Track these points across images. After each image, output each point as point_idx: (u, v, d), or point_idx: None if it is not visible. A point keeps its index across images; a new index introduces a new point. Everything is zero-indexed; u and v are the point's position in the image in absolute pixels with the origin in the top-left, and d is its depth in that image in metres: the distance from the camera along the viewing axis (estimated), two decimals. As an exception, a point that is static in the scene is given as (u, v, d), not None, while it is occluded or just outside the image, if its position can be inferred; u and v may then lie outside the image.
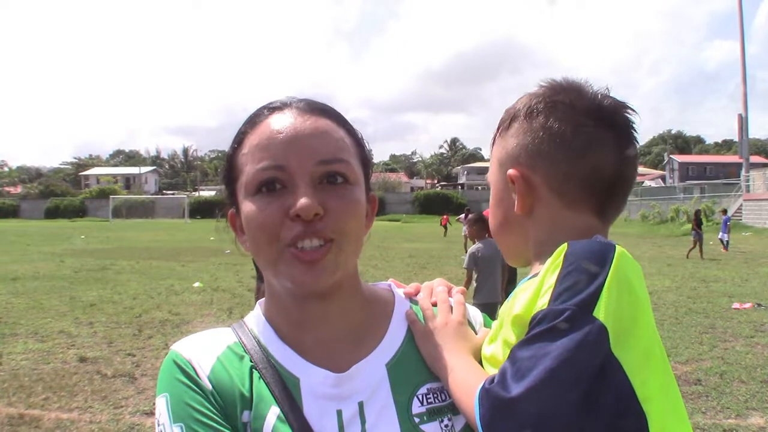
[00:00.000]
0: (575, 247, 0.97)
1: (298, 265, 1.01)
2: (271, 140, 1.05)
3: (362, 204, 1.08)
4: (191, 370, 1.05)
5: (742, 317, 10.46)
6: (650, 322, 0.95)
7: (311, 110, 1.09)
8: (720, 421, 5.71)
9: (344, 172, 1.05)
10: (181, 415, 1.01)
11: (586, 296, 0.90)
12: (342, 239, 1.03)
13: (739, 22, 41.50)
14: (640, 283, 0.96)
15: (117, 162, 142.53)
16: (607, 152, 1.07)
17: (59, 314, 11.05)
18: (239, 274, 16.88)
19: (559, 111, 1.09)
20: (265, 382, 1.05)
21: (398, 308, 1.20)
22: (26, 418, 5.83)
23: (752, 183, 41.50)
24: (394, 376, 1.09)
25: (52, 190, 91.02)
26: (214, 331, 1.16)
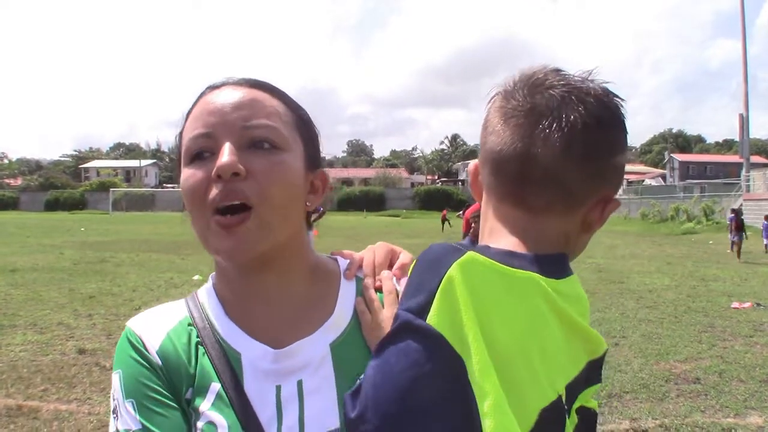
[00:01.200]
0: (425, 252, 0.98)
1: (220, 233, 1.02)
2: (202, 111, 1.07)
3: (293, 171, 1.07)
4: (141, 346, 1.08)
5: (741, 316, 10.45)
6: (478, 337, 0.87)
7: (245, 83, 1.11)
8: (719, 420, 5.71)
9: (270, 137, 1.05)
10: (133, 391, 1.04)
11: (420, 301, 0.91)
12: (263, 206, 1.01)
13: (741, 21, 41.44)
14: (471, 293, 0.89)
15: (117, 155, 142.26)
16: (512, 134, 1.01)
17: (58, 306, 11.04)
18: (238, 268, 16.85)
19: (496, 99, 1.08)
20: (209, 357, 1.07)
21: (344, 285, 1.19)
22: (24, 409, 5.83)
23: (752, 183, 41.45)
24: (338, 356, 1.08)
25: (52, 183, 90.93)
26: (167, 306, 1.18)
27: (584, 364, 1.00)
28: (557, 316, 0.95)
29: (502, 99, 1.05)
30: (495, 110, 1.06)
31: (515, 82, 1.05)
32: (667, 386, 6.64)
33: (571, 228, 1.04)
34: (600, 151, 1.00)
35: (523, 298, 0.92)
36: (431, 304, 0.89)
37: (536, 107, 0.99)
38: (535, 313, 0.92)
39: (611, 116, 1.01)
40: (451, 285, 0.89)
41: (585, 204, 1.02)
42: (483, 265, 0.92)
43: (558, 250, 1.03)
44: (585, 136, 0.97)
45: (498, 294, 0.91)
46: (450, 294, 0.89)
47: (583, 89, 1.00)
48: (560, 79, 1.01)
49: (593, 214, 1.04)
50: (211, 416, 1.02)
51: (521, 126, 0.99)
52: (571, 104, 0.98)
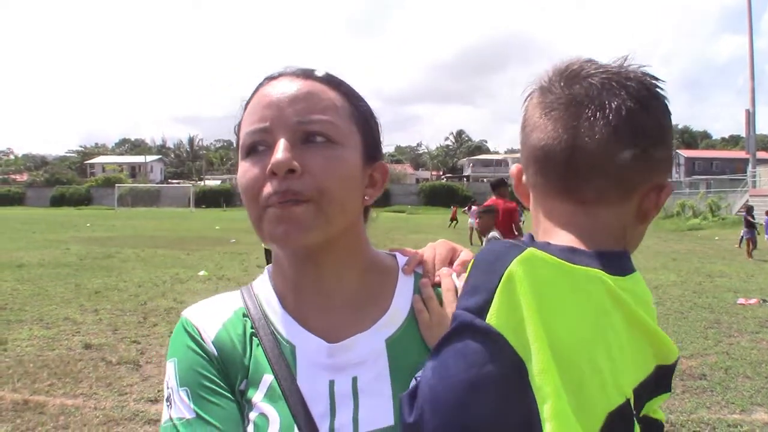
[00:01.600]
0: (483, 251, 0.96)
1: (274, 222, 1.01)
2: (259, 103, 1.06)
3: (349, 165, 1.06)
4: (198, 336, 1.09)
5: (748, 313, 10.42)
6: (540, 335, 0.85)
7: (302, 75, 1.09)
8: (725, 416, 5.70)
9: (325, 131, 1.04)
10: (187, 380, 1.05)
11: (479, 301, 0.89)
12: (321, 199, 1.01)
13: (748, 16, 41.26)
14: (533, 290, 0.87)
15: (122, 151, 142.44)
16: (554, 127, 0.99)
17: (64, 301, 11.07)
18: (244, 263, 16.92)
19: (533, 96, 1.06)
20: (263, 348, 1.07)
21: (402, 280, 1.18)
22: (31, 404, 5.84)
23: (759, 179, 41.32)
24: (394, 353, 1.07)
25: (58, 178, 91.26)
26: (223, 296, 1.19)
27: (653, 369, 0.97)
28: (623, 316, 0.92)
29: (540, 95, 1.04)
30: (533, 107, 1.04)
31: (550, 76, 1.04)
32: (672, 382, 6.59)
33: (627, 219, 1.02)
34: (647, 134, 0.97)
35: (588, 295, 0.90)
36: (490, 303, 0.87)
37: (576, 97, 0.98)
38: (600, 312, 0.90)
39: (654, 99, 0.99)
40: (511, 282, 0.87)
41: (638, 192, 1.00)
42: (545, 261, 0.90)
43: (616, 244, 1.01)
44: (630, 121, 0.95)
45: (561, 291, 0.89)
46: (510, 291, 0.87)
47: (623, 74, 0.99)
48: (597, 67, 1.00)
49: (648, 201, 1.01)
50: (264, 408, 1.03)
51: (563, 118, 0.98)
52: (613, 90, 0.97)
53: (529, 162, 1.04)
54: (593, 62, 1.02)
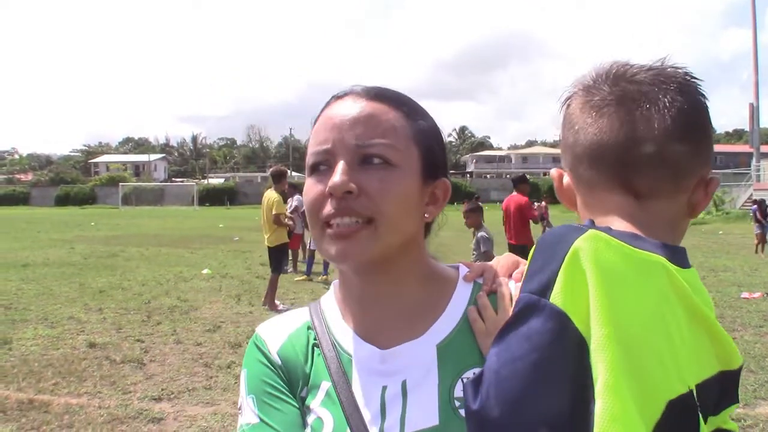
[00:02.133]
0: (545, 234, 0.97)
1: (333, 242, 1.06)
2: (324, 125, 1.11)
3: (405, 187, 1.09)
4: (265, 348, 1.19)
5: (751, 307, 10.41)
6: (603, 317, 0.83)
7: (366, 95, 1.14)
8: (728, 411, 5.68)
9: (383, 154, 1.07)
10: (254, 388, 1.16)
11: (543, 281, 0.89)
12: (377, 219, 1.05)
13: (752, 9, 41.16)
14: (600, 271, 0.86)
15: (126, 149, 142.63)
16: (610, 122, 1.01)
17: (69, 300, 11.11)
18: (248, 261, 16.94)
19: (575, 98, 1.09)
20: (324, 357, 1.15)
21: (459, 289, 1.21)
22: (36, 403, 5.87)
23: (763, 173, 41.22)
24: (444, 357, 1.11)
25: (62, 178, 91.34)
26: (294, 312, 1.28)
27: (716, 372, 0.96)
28: (685, 307, 0.92)
29: (585, 95, 1.07)
30: (579, 107, 1.07)
31: (594, 78, 1.07)
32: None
33: (678, 211, 1.05)
34: (697, 129, 1.02)
35: (651, 280, 0.90)
36: (554, 283, 0.88)
37: (628, 94, 1.01)
38: (662, 299, 0.90)
39: (700, 96, 1.04)
40: (576, 258, 0.88)
41: (689, 185, 1.03)
42: (608, 243, 0.90)
43: (670, 236, 1.03)
44: (682, 116, 0.99)
45: (624, 272, 0.88)
46: (575, 268, 0.87)
47: (669, 73, 1.03)
48: (641, 67, 1.04)
49: (698, 194, 1.04)
50: (320, 412, 1.10)
51: (618, 113, 1.01)
52: (663, 88, 1.00)
53: (582, 158, 1.05)
54: (635, 63, 1.06)
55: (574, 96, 1.10)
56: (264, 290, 10.77)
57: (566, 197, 1.13)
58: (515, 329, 0.89)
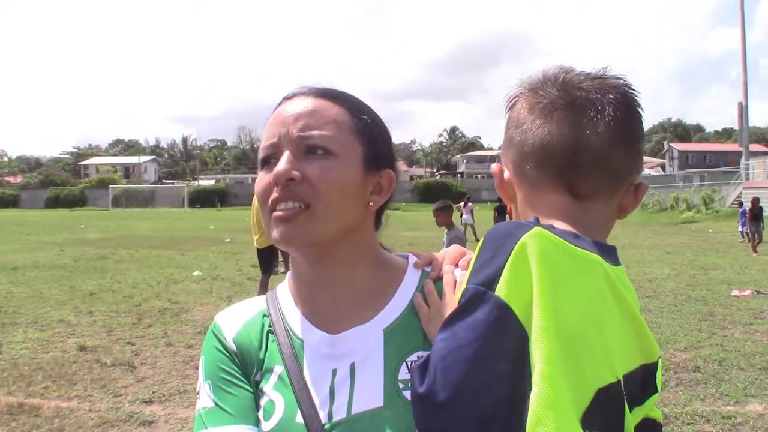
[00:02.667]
0: (492, 229, 1.02)
1: (275, 224, 1.13)
2: (272, 122, 1.19)
3: (345, 175, 1.15)
4: (221, 335, 1.25)
5: (741, 304, 10.47)
6: (546, 310, 0.88)
7: (312, 93, 1.21)
8: (719, 408, 5.73)
9: (324, 145, 1.14)
10: (210, 374, 1.21)
11: (489, 275, 0.94)
12: (317, 203, 1.12)
13: (740, 8, 41.38)
14: (545, 267, 0.91)
15: (116, 151, 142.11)
16: (558, 126, 1.07)
17: (59, 303, 11.06)
18: (239, 263, 16.92)
19: (522, 98, 1.14)
20: (277, 343, 1.20)
21: (408, 277, 1.27)
22: (26, 406, 5.83)
23: (752, 171, 41.52)
24: (390, 341, 1.16)
25: (52, 180, 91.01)
26: (252, 300, 1.34)
27: (640, 364, 1.03)
28: (617, 303, 0.98)
29: (533, 96, 1.12)
30: (527, 107, 1.12)
31: (543, 81, 1.12)
32: (666, 375, 6.64)
33: (610, 213, 1.12)
34: (635, 138, 1.09)
35: (588, 277, 0.96)
36: (500, 277, 0.92)
37: (577, 100, 1.07)
38: (598, 295, 0.95)
39: (637, 105, 1.11)
40: (522, 254, 0.93)
41: (622, 188, 1.11)
42: (551, 240, 0.95)
43: (603, 236, 1.11)
44: (623, 125, 1.06)
45: (565, 269, 0.94)
46: (521, 263, 0.92)
47: (612, 83, 1.09)
48: (587, 75, 1.11)
49: (628, 197, 1.13)
50: (272, 395, 1.16)
51: (567, 118, 1.06)
52: (607, 97, 1.07)
53: (528, 157, 1.10)
54: (580, 70, 1.12)
55: (520, 96, 1.15)
56: (255, 292, 10.78)
57: (506, 193, 1.19)
58: (462, 318, 0.94)
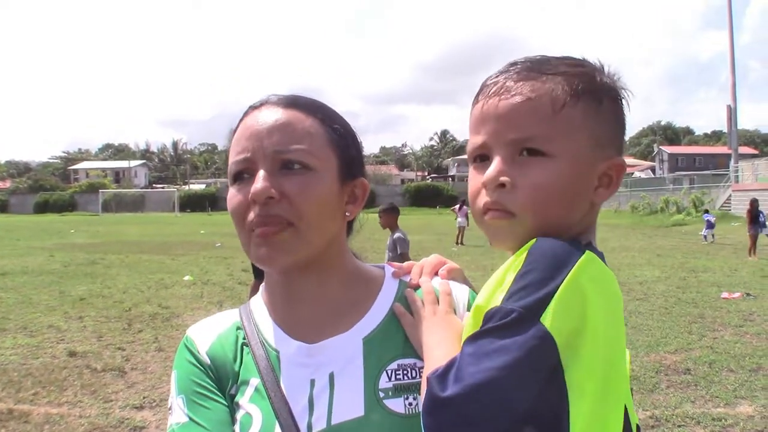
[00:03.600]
0: (540, 246, 0.95)
1: (260, 246, 1.11)
2: (242, 134, 1.16)
3: (323, 189, 1.14)
4: (194, 348, 1.22)
5: (731, 307, 10.52)
6: (597, 339, 0.90)
7: (282, 104, 1.18)
8: (709, 410, 5.75)
9: (301, 159, 1.12)
10: (184, 388, 1.18)
11: (536, 300, 0.89)
12: (300, 222, 1.10)
13: (728, 11, 41.60)
14: (598, 296, 0.91)
15: (106, 156, 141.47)
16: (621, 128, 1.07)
17: (48, 309, 11.00)
18: (230, 268, 16.87)
19: (610, 93, 1.06)
20: (252, 355, 1.18)
21: (386, 287, 1.26)
22: (15, 413, 5.80)
23: (741, 174, 41.71)
24: (369, 350, 1.15)
25: (41, 185, 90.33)
26: (225, 313, 1.31)
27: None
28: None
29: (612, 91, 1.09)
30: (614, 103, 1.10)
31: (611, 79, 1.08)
32: (657, 377, 6.67)
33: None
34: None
35: (620, 301, 0.97)
36: (548, 304, 0.88)
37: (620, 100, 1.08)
38: (621, 314, 0.97)
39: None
40: (576, 283, 0.90)
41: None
42: (601, 268, 0.95)
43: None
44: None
45: (612, 297, 0.94)
46: (573, 293, 0.89)
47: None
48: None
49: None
50: (249, 408, 1.13)
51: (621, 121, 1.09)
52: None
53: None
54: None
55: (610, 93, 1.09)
56: (246, 296, 10.64)
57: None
58: (499, 337, 0.89)
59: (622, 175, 1.06)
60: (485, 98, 1.04)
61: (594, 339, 0.89)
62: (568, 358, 0.88)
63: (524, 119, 0.99)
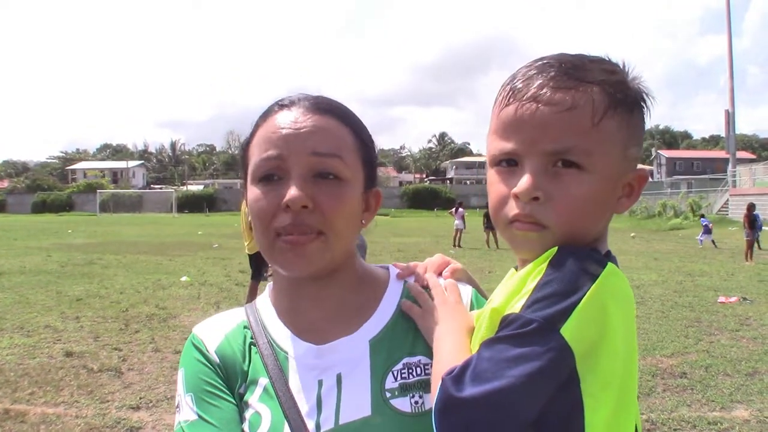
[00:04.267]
0: (563, 257, 0.95)
1: (287, 253, 1.11)
2: (275, 133, 1.14)
3: (353, 201, 1.16)
4: (203, 347, 1.22)
5: (728, 311, 10.54)
6: (616, 351, 0.91)
7: (315, 108, 1.18)
8: (705, 414, 5.75)
9: (336, 170, 1.13)
10: (192, 386, 1.18)
11: (558, 312, 0.89)
12: (330, 232, 1.11)
13: (727, 17, 41.68)
14: (618, 309, 0.92)
15: (104, 156, 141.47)
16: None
17: (45, 309, 10.98)
18: (227, 269, 16.86)
19: (639, 101, 1.05)
20: (260, 356, 1.19)
21: (391, 288, 1.28)
22: (12, 413, 5.79)
23: (738, 178, 41.81)
24: (375, 351, 1.17)
25: (39, 185, 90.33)
26: (230, 312, 1.32)
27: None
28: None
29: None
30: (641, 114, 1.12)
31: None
32: (653, 381, 6.68)
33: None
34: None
35: (633, 306, 0.99)
36: (569, 316, 0.88)
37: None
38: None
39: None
40: (599, 296, 0.90)
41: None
42: (621, 279, 0.97)
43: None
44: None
45: (630, 307, 0.97)
46: (595, 306, 0.90)
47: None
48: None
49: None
50: (258, 407, 1.15)
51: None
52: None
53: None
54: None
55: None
56: (244, 297, 10.74)
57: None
58: (518, 345, 0.89)
59: (644, 185, 1.06)
60: (518, 102, 0.99)
61: (612, 351, 0.90)
62: (585, 369, 0.89)
63: (563, 130, 0.96)
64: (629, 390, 0.95)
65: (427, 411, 1.07)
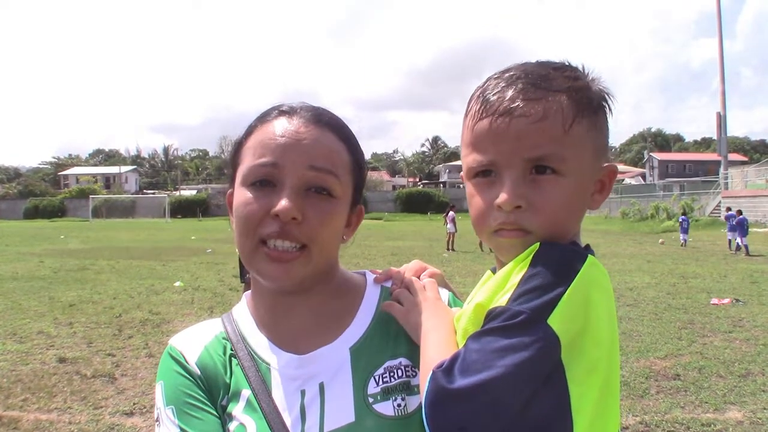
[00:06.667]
0: (546, 252, 0.99)
1: (270, 263, 1.11)
2: (272, 140, 1.14)
3: (340, 218, 1.17)
4: (182, 359, 1.20)
5: (721, 313, 10.58)
6: (601, 338, 0.95)
7: (316, 121, 1.18)
8: (698, 416, 5.77)
9: (330, 186, 1.14)
10: (173, 399, 1.16)
11: (544, 303, 0.92)
12: (313, 246, 1.12)
13: (717, 20, 41.87)
14: (601, 298, 0.96)
15: (97, 161, 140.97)
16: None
17: (38, 315, 10.95)
18: (220, 274, 16.83)
19: (601, 102, 1.10)
20: (242, 367, 1.18)
21: (368, 294, 1.28)
22: (4, 419, 5.77)
23: (731, 180, 41.95)
24: (356, 358, 1.17)
25: (31, 190, 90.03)
26: (206, 323, 1.30)
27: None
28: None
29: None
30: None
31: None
32: (647, 383, 6.70)
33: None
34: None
35: (612, 297, 1.01)
36: (556, 306, 0.92)
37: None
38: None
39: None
40: (582, 286, 0.94)
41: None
42: (602, 270, 1.00)
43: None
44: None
45: (610, 296, 1.00)
46: (579, 296, 0.93)
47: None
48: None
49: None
50: (242, 419, 1.13)
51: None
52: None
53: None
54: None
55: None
56: (237, 302, 10.61)
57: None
58: (506, 336, 0.92)
59: (614, 179, 1.12)
60: (492, 116, 1.03)
61: (597, 339, 0.94)
62: (571, 358, 0.92)
63: (537, 140, 1.00)
64: (613, 377, 0.98)
65: (411, 413, 1.10)
